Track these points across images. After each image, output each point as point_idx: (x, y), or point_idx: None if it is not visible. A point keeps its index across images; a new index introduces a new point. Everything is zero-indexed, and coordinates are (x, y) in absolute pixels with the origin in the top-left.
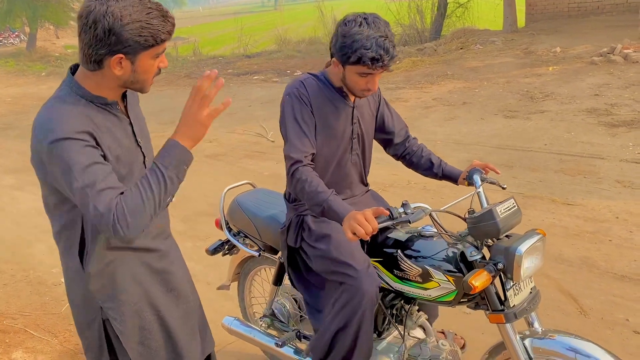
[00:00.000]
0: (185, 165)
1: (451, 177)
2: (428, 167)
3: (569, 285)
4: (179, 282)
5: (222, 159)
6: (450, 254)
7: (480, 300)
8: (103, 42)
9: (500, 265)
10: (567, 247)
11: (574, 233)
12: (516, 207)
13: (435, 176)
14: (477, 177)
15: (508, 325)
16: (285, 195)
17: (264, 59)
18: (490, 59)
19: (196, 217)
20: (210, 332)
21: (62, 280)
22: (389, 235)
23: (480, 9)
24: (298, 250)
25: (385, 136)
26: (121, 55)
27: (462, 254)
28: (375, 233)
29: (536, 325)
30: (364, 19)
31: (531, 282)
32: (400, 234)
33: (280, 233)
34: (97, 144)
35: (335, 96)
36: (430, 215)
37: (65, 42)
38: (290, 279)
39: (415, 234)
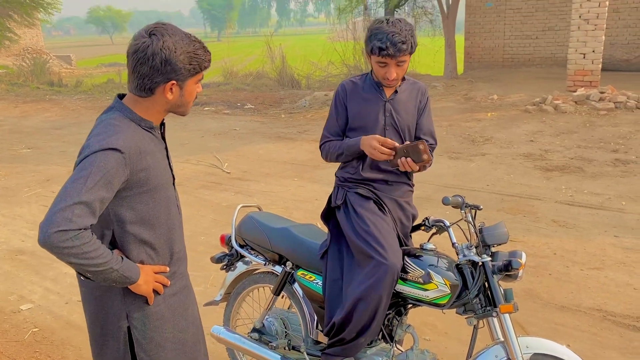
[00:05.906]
0: (118, 280)
1: None
2: None
3: (516, 314)
4: (193, 304)
5: (177, 188)
6: (447, 264)
7: (466, 304)
8: (160, 71)
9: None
10: None
11: None
12: None
13: None
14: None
15: (508, 317)
16: (336, 174)
17: (212, 90)
18: (433, 103)
19: None
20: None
21: (21, 307)
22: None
23: (421, 54)
24: (334, 218)
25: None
26: (174, 82)
27: (457, 265)
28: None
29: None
30: (387, 19)
31: None
32: (405, 248)
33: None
34: (139, 159)
35: (372, 91)
36: (448, 229)
37: None
38: (322, 256)
39: (417, 249)
